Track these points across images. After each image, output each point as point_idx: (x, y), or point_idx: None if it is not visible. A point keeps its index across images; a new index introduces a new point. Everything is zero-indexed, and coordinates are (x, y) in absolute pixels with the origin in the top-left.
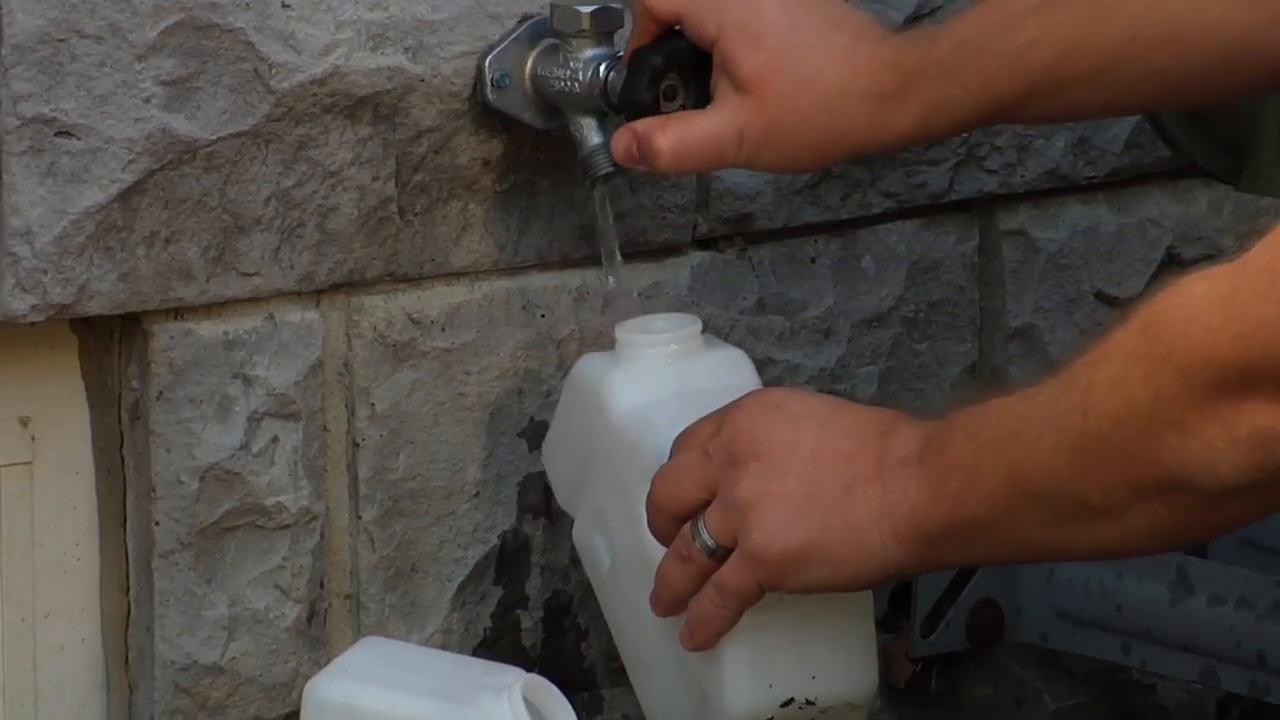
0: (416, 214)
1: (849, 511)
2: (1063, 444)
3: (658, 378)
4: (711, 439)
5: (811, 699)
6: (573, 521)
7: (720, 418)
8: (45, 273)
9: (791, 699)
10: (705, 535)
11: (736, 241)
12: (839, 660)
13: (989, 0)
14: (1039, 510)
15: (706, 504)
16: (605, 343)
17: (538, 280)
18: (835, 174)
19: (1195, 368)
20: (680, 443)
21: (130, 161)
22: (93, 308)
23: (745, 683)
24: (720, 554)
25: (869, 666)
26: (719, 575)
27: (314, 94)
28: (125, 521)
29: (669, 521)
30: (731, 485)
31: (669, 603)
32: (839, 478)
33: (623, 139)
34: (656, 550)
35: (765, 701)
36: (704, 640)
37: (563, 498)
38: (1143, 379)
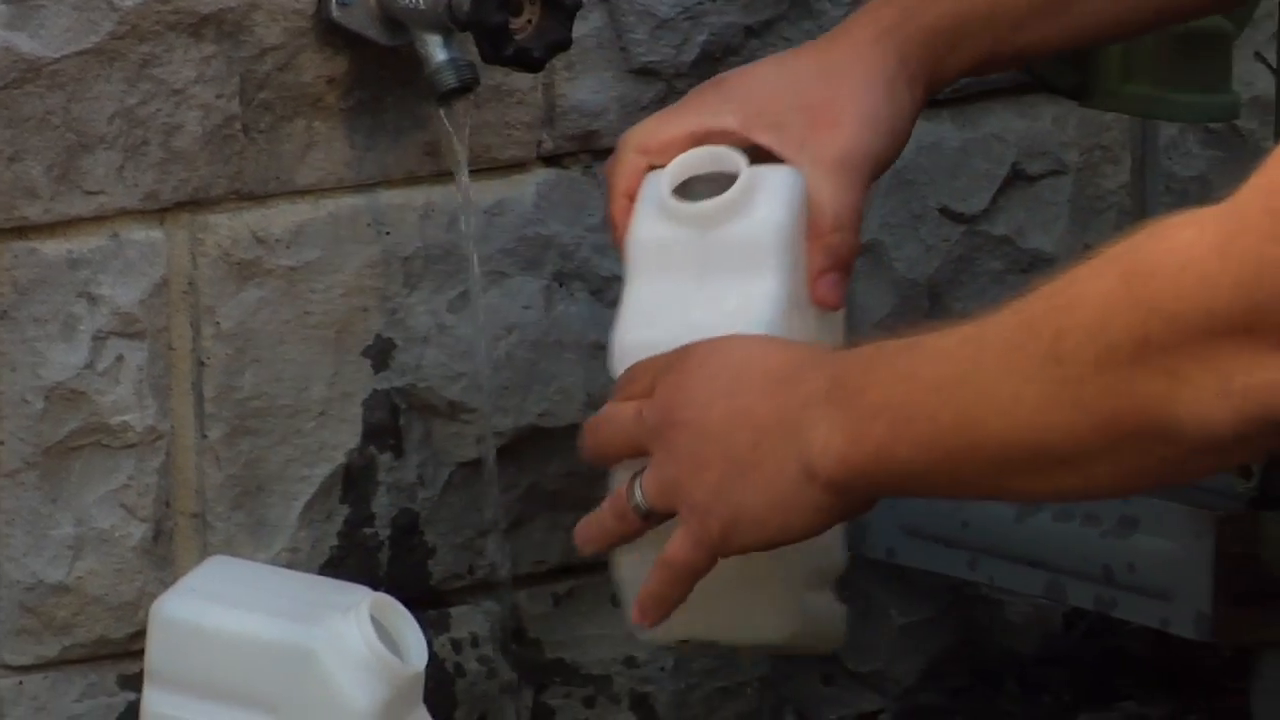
0: (261, 132)
1: (760, 466)
2: (1027, 390)
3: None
4: (647, 395)
5: (711, 640)
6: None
7: (657, 369)
8: None
9: (688, 640)
10: (639, 498)
11: (582, 158)
12: (742, 605)
13: None
14: (988, 458)
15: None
16: (451, 259)
17: (384, 197)
18: (679, 91)
19: (1188, 316)
20: (620, 388)
21: None
22: None
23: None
24: (655, 518)
25: (780, 613)
26: (667, 554)
27: (158, 11)
28: None
29: (600, 466)
30: (662, 454)
31: (593, 548)
32: (748, 434)
33: None
34: None
35: (662, 636)
36: (657, 617)
37: None
38: (1126, 326)
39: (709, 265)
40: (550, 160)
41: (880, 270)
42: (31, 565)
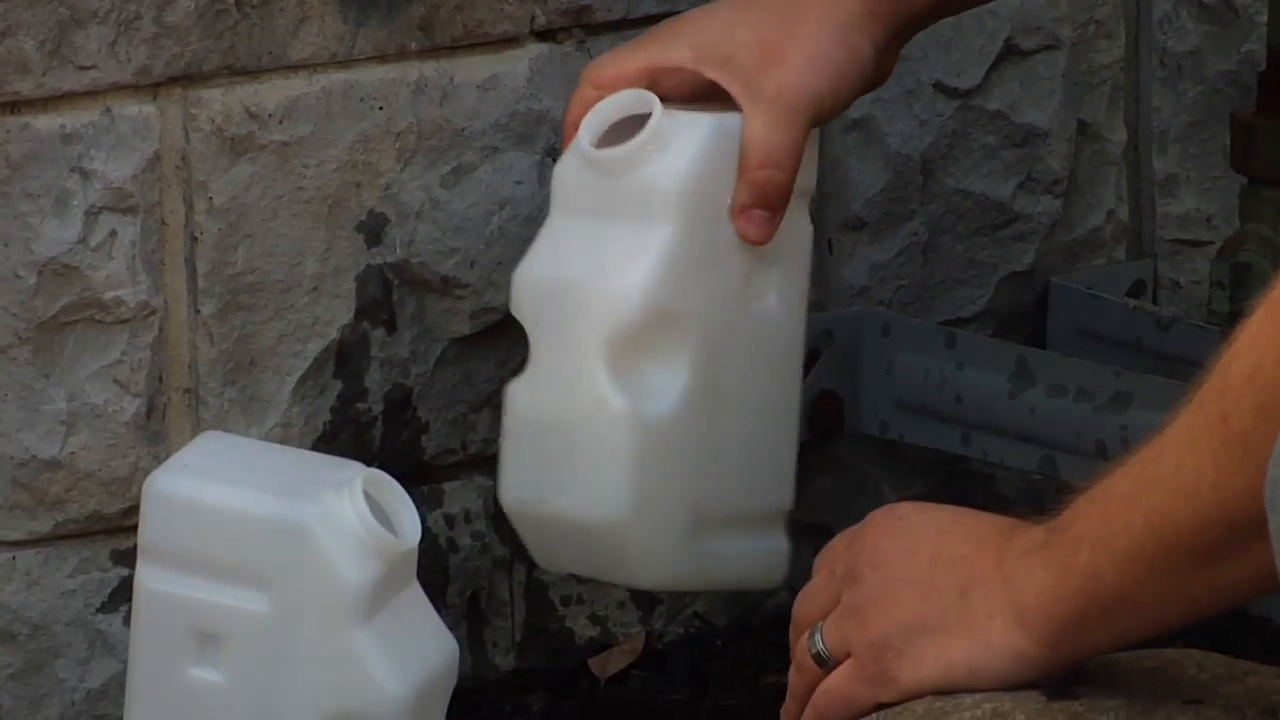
0: (254, 6)
1: (966, 610)
2: (1205, 465)
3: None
4: (839, 558)
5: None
6: None
7: (851, 535)
8: None
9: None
10: (819, 642)
11: (575, 33)
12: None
13: None
14: (1187, 550)
15: None
16: (444, 135)
17: (375, 73)
18: None
19: None
20: (817, 564)
21: None
22: None
23: None
24: (831, 664)
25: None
26: (828, 683)
27: None
28: None
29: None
30: (850, 595)
31: (792, 715)
32: (955, 579)
33: None
34: None
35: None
36: None
37: None
38: (1276, 360)
39: (614, 211)
40: (543, 35)
41: (873, 145)
42: (24, 441)
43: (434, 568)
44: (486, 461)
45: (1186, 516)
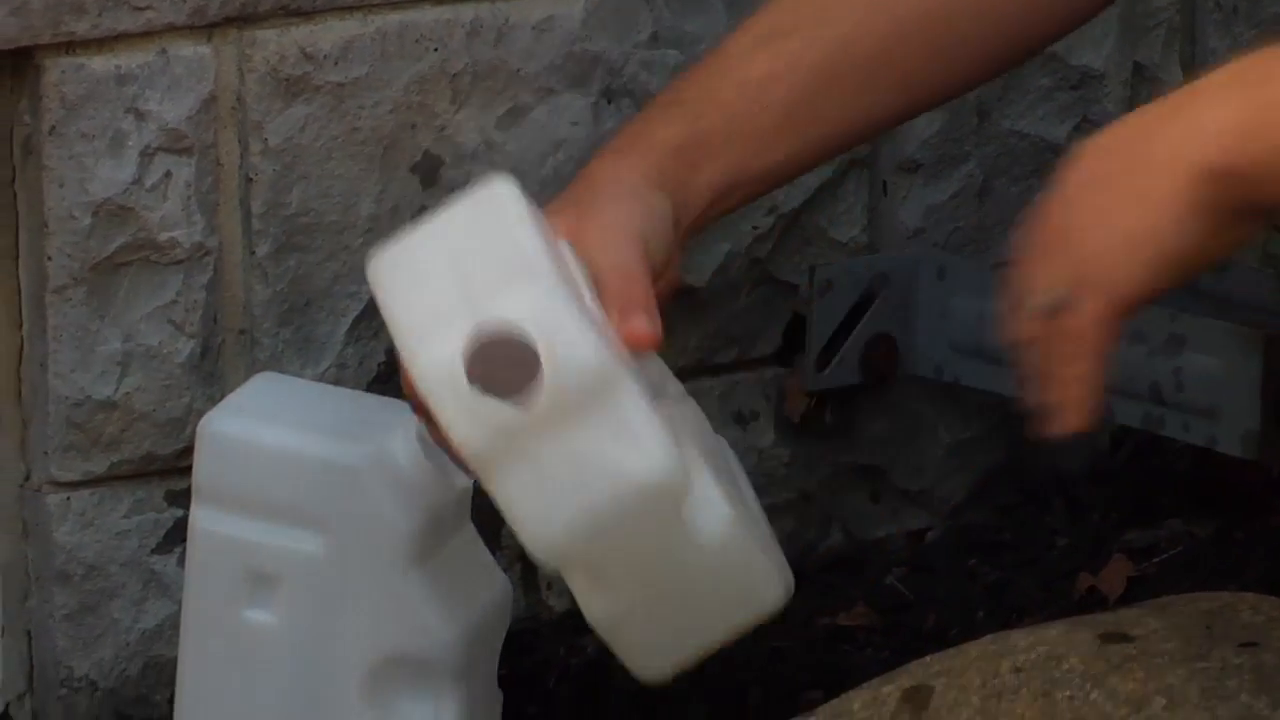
0: None
1: (1135, 170)
2: None
3: None
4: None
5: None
6: None
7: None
8: None
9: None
10: (1046, 293)
11: None
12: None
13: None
14: None
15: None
16: (499, 76)
17: (431, 14)
18: None
19: None
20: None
21: None
22: None
23: None
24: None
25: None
26: (1062, 324)
27: None
28: (17, 257)
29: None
30: (1045, 253)
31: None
32: (1123, 160)
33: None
34: None
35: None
36: (1077, 409)
37: None
38: None
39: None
40: None
41: None
42: (79, 381)
43: (488, 509)
44: None
45: None
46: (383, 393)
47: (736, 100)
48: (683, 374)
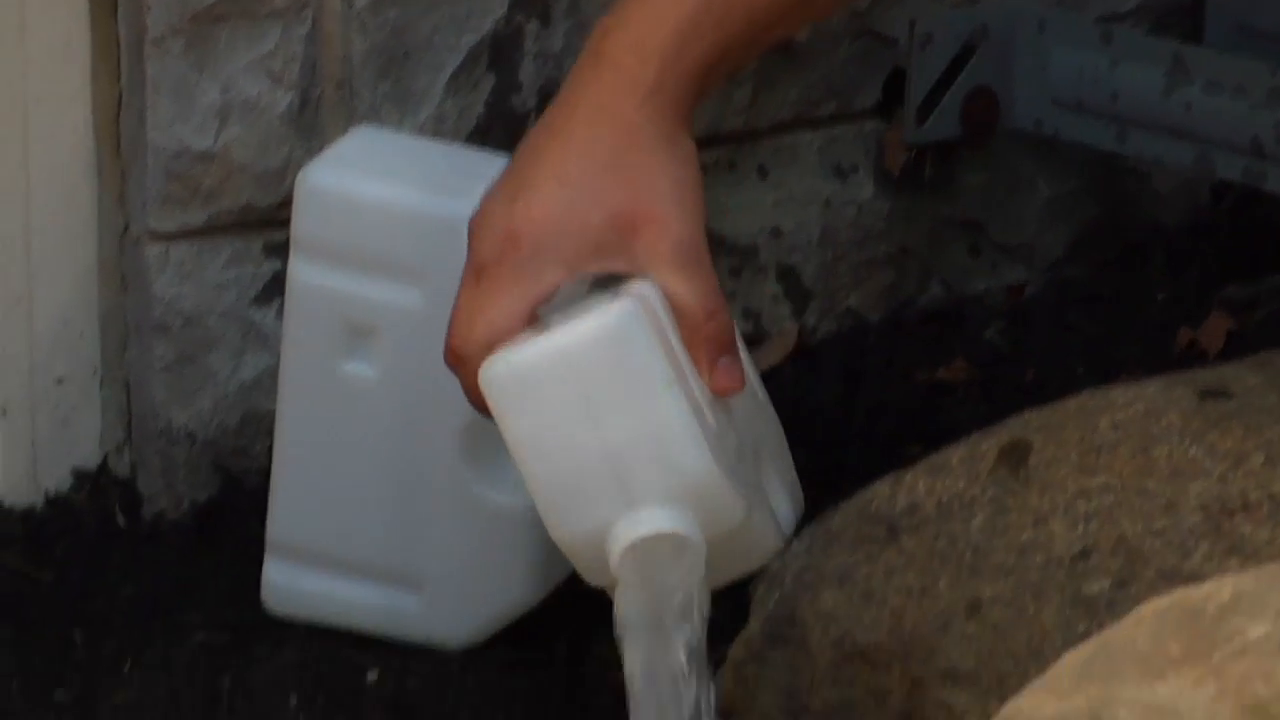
0: None
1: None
2: None
3: None
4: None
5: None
6: None
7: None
8: None
9: None
10: None
11: None
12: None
13: None
14: None
15: None
16: None
17: None
18: None
19: None
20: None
21: None
22: None
23: None
24: None
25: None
26: None
27: None
28: (115, 9)
29: None
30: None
31: None
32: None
33: None
34: None
35: None
36: None
37: None
38: None
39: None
40: None
41: None
42: (178, 133)
43: None
44: None
45: None
46: (481, 145)
47: None
48: (782, 128)
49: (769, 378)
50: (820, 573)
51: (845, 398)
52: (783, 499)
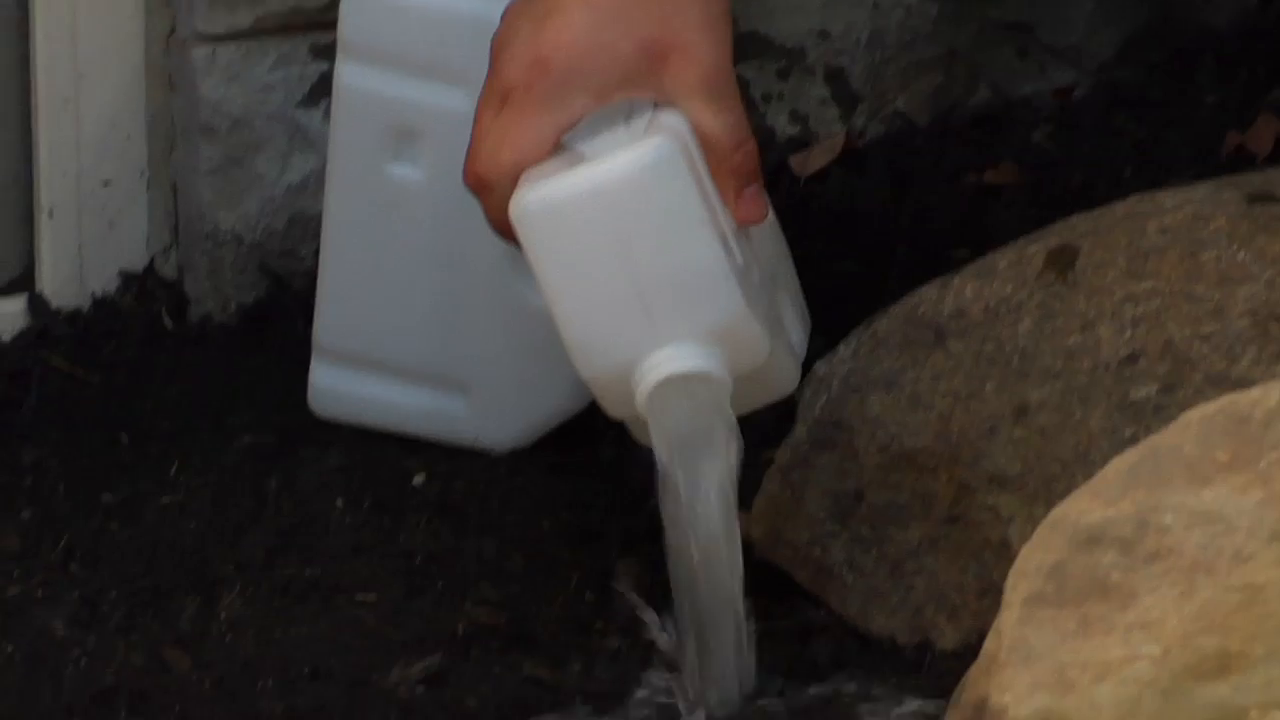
0: None
1: None
2: None
3: None
4: None
5: None
6: None
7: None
8: None
9: None
10: None
11: None
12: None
13: None
14: None
15: None
16: None
17: None
18: None
19: None
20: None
21: None
22: None
23: None
24: None
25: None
26: None
27: None
28: None
29: None
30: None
31: None
32: None
33: None
34: None
35: None
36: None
37: None
38: None
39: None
40: None
41: None
42: None
43: None
44: None
45: None
46: None
47: None
48: None
49: (816, 180)
50: (867, 377)
51: (892, 201)
52: (795, 324)
